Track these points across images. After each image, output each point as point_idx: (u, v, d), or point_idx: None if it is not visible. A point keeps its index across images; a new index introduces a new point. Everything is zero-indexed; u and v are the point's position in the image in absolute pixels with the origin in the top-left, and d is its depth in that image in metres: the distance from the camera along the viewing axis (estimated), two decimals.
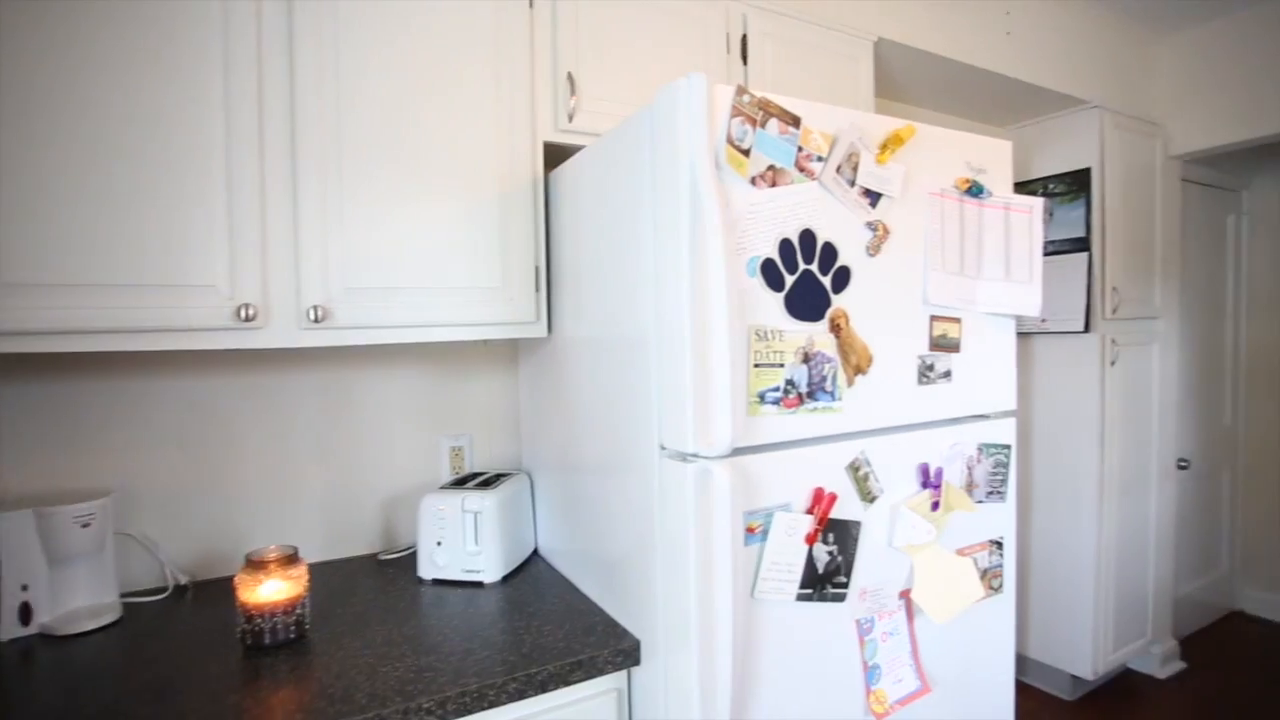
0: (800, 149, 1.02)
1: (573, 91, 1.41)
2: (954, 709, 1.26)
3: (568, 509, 1.42)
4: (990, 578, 1.30)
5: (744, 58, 1.64)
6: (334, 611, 1.25)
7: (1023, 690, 2.62)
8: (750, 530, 0.99)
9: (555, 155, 1.45)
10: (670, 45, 1.55)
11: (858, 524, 1.11)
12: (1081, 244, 2.48)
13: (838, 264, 1.07)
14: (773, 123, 1.00)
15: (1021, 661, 2.67)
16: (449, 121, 1.30)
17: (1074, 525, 2.52)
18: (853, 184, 1.09)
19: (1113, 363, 2.49)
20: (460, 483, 1.50)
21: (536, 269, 1.40)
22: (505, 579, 1.40)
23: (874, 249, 1.12)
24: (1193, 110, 2.62)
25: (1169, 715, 2.46)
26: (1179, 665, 2.77)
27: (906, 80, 2.21)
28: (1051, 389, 2.60)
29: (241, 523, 1.46)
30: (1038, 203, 1.29)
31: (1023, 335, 2.65)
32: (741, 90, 0.97)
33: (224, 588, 1.36)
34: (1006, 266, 1.27)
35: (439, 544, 1.40)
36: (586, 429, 1.31)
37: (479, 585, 1.38)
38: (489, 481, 1.49)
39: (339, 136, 1.21)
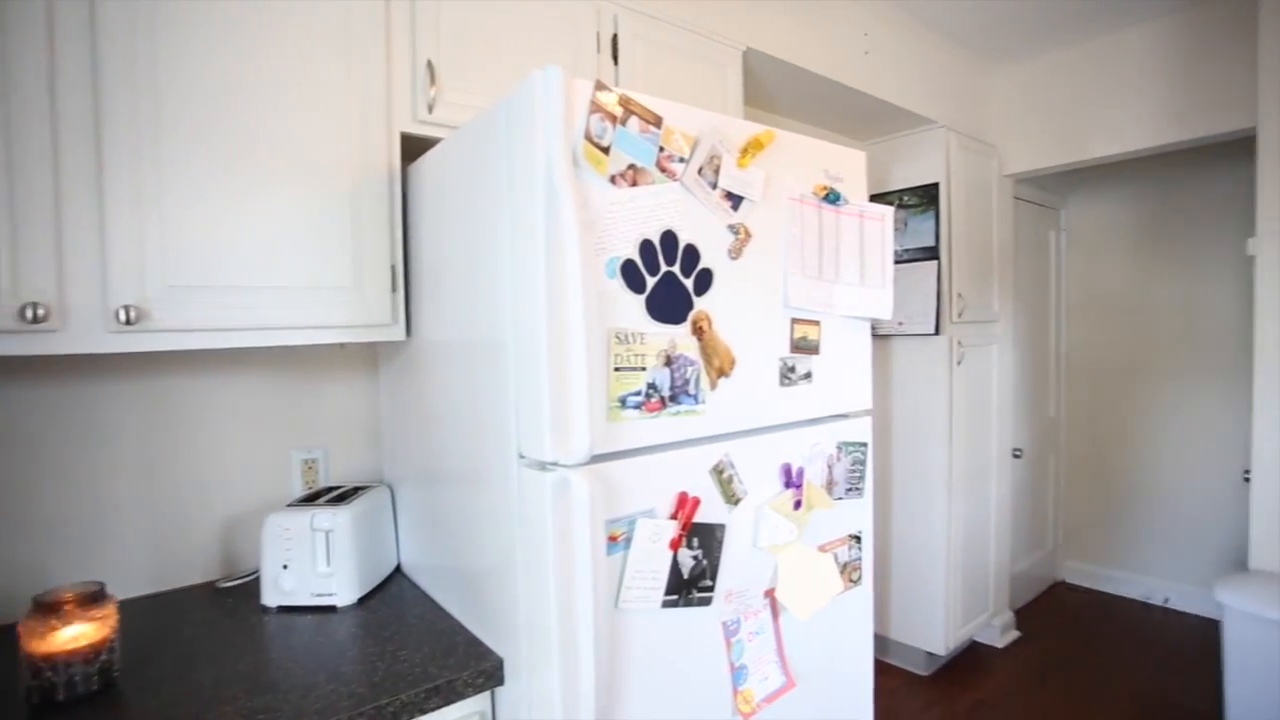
0: (662, 149, 1.01)
1: (432, 80, 1.33)
2: (817, 700, 1.30)
3: (430, 523, 1.34)
4: (850, 571, 1.36)
5: (615, 58, 1.63)
6: (155, 653, 1.10)
7: (885, 670, 2.80)
8: (612, 539, 0.97)
9: (415, 148, 1.35)
10: (540, 40, 1.50)
11: (722, 527, 1.11)
12: (932, 253, 2.69)
13: (700, 266, 1.07)
14: (634, 121, 0.98)
15: (884, 643, 2.85)
16: (292, 105, 1.18)
17: (927, 513, 2.73)
18: (714, 186, 1.09)
19: (959, 362, 2.72)
20: (312, 498, 1.37)
21: (393, 268, 1.31)
22: (362, 601, 1.30)
23: (736, 252, 1.13)
24: (1020, 135, 2.92)
25: (1010, 680, 2.72)
26: (1015, 634, 3.08)
27: (775, 91, 2.29)
28: (908, 388, 2.80)
29: (39, 558, 1.25)
30: (888, 211, 1.37)
31: (882, 337, 2.83)
32: (601, 85, 0.94)
33: (10, 637, 1.16)
34: (861, 271, 1.33)
35: (285, 567, 1.27)
36: (447, 437, 1.24)
37: (331, 610, 1.27)
38: (344, 496, 1.38)
39: (157, 111, 1.05)
